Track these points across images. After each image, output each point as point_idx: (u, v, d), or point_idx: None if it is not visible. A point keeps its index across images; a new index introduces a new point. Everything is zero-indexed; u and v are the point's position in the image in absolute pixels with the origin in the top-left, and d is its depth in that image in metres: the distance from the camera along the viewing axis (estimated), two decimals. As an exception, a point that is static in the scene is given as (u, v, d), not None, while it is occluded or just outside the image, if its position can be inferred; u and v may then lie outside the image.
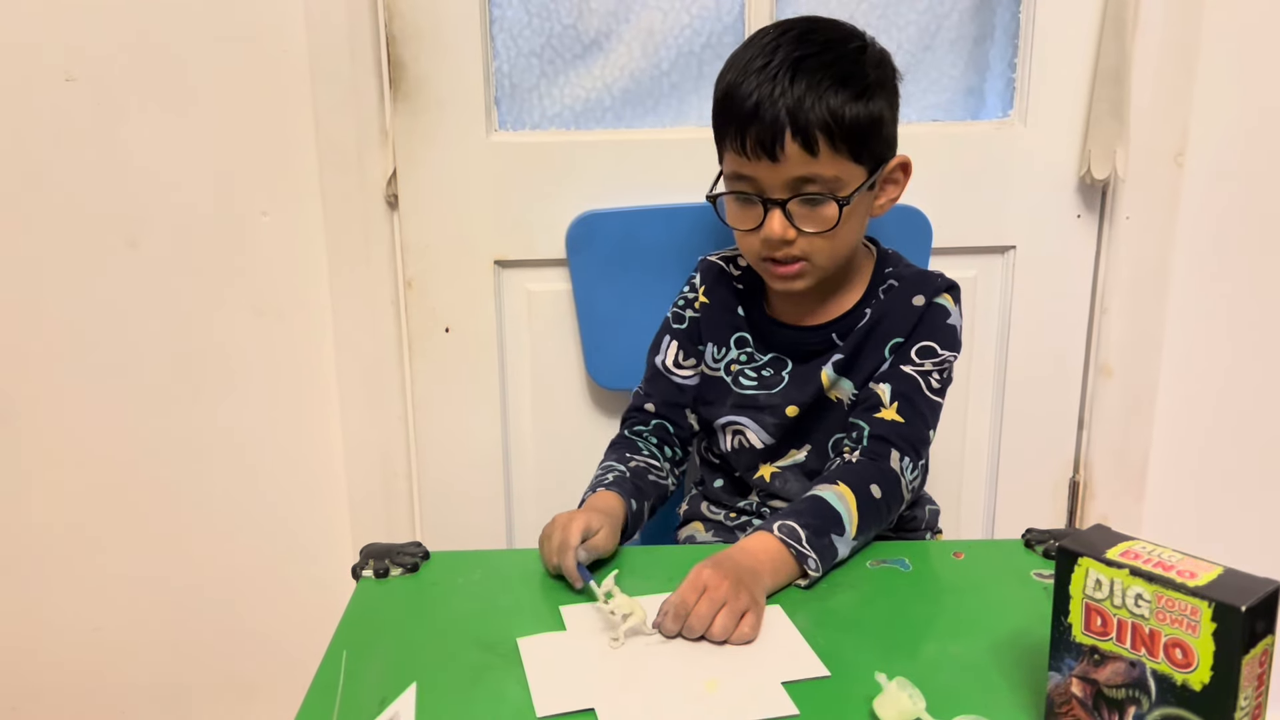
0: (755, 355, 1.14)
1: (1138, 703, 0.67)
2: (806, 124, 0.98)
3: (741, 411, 1.14)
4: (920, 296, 1.09)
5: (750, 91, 0.99)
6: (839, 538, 0.95)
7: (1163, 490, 1.55)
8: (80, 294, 1.42)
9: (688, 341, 1.17)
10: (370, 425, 1.48)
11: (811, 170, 1.00)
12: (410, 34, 1.36)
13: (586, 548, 0.94)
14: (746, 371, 1.14)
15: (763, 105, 0.99)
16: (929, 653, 0.84)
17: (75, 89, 1.35)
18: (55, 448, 1.48)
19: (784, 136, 0.98)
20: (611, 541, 0.98)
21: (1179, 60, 1.39)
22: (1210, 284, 1.48)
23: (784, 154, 0.99)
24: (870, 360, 1.09)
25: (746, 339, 1.15)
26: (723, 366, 1.15)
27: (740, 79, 1.01)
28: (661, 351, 1.18)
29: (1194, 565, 0.66)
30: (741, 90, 1.00)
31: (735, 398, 1.14)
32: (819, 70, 0.99)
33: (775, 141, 0.99)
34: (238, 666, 1.58)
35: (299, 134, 1.37)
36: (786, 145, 0.99)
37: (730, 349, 1.15)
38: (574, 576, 0.92)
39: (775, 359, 1.13)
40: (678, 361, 1.17)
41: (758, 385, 1.13)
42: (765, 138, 0.99)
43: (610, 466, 1.11)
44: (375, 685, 0.80)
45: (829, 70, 0.99)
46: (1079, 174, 1.43)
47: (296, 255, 1.42)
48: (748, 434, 1.13)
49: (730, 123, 1.02)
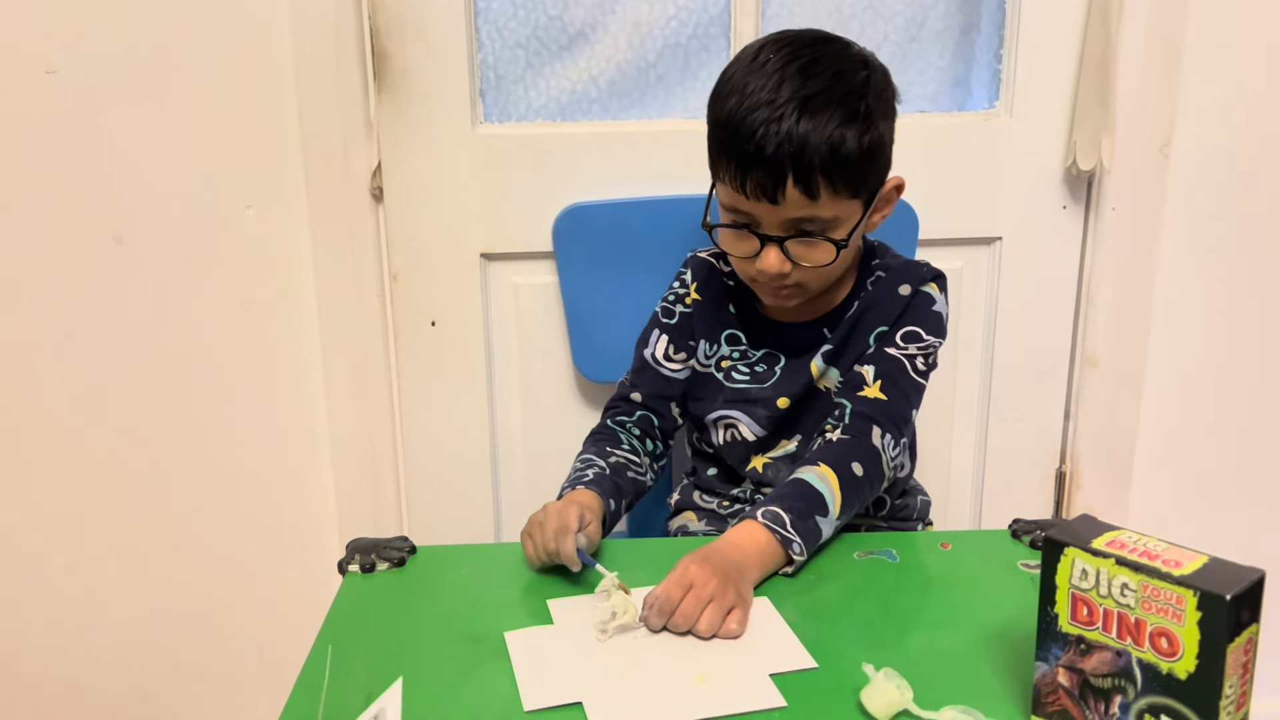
0: (748, 352, 1.14)
1: (1124, 692, 0.68)
2: (809, 169, 0.96)
3: (733, 406, 1.14)
4: (906, 285, 1.09)
5: (753, 130, 0.96)
6: (823, 519, 0.96)
7: (1149, 480, 1.56)
8: (64, 290, 1.41)
9: (679, 336, 1.17)
10: (356, 419, 1.47)
11: (810, 213, 0.99)
12: (394, 26, 1.36)
13: (585, 534, 0.93)
14: (739, 367, 1.14)
15: (766, 148, 0.95)
16: (916, 643, 0.84)
17: (56, 81, 1.33)
18: (39, 444, 1.47)
19: (785, 182, 0.96)
20: (598, 537, 0.98)
21: (1165, 50, 1.39)
22: (1196, 274, 1.49)
23: (784, 198, 0.97)
24: (857, 348, 1.09)
25: (738, 336, 1.15)
26: (714, 363, 1.16)
27: (742, 112, 0.97)
28: (650, 344, 1.18)
29: (1179, 554, 0.66)
30: (744, 127, 0.96)
31: (727, 393, 1.14)
32: (825, 109, 0.96)
33: (776, 187, 0.97)
34: (224, 662, 1.57)
35: (283, 127, 1.37)
36: (788, 190, 0.97)
37: (721, 345, 1.15)
38: (572, 560, 0.91)
39: (768, 354, 1.14)
40: (668, 355, 1.17)
41: (750, 380, 1.13)
42: (766, 182, 0.97)
43: (590, 461, 1.10)
44: (361, 680, 0.80)
45: (836, 110, 0.96)
46: (1065, 165, 1.43)
47: (281, 249, 1.41)
48: (740, 427, 1.14)
49: (730, 158, 0.99)
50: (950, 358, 1.51)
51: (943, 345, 1.10)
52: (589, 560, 0.91)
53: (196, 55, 1.34)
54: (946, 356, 1.51)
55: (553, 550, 0.92)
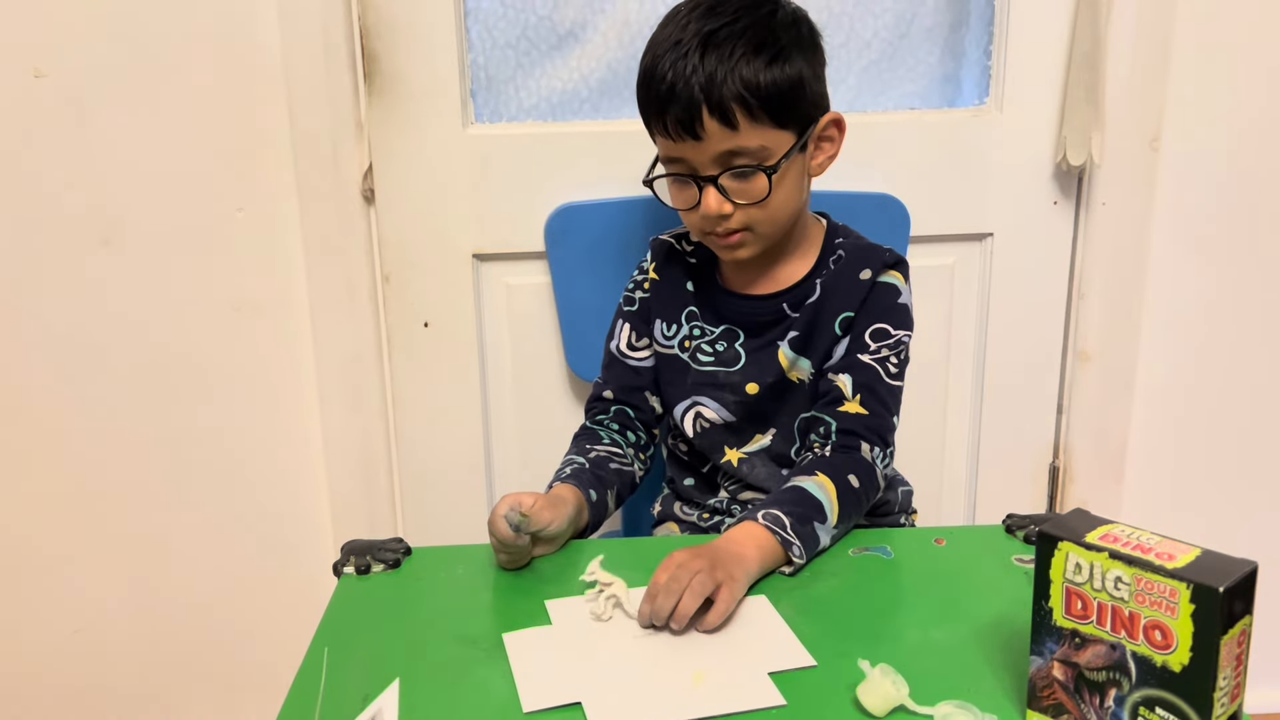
0: (706, 329, 1.14)
1: (1119, 685, 0.68)
2: (721, 99, 0.98)
3: (701, 390, 1.13)
4: (867, 270, 1.09)
5: (664, 72, 1.00)
6: (821, 525, 0.96)
7: (1142, 474, 1.56)
8: (54, 294, 1.40)
9: (640, 322, 1.18)
10: (350, 421, 1.47)
11: (735, 144, 1.00)
12: (384, 27, 1.35)
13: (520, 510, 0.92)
14: (703, 346, 1.14)
15: (677, 85, 0.99)
16: (912, 639, 0.84)
17: (45, 85, 1.33)
18: (32, 448, 1.46)
19: (701, 114, 0.99)
20: (551, 514, 0.96)
21: (1153, 45, 1.40)
22: (1187, 267, 1.49)
23: (704, 131, 1.00)
24: (824, 337, 1.09)
25: (695, 313, 1.15)
26: (676, 343, 1.15)
27: (655, 61, 1.02)
28: (615, 336, 1.19)
29: (1172, 547, 0.66)
30: (657, 72, 1.01)
31: (694, 375, 1.14)
32: (728, 41, 0.99)
33: (694, 120, 0.99)
34: (219, 665, 1.57)
35: (273, 129, 1.36)
36: (705, 122, 0.99)
37: (681, 325, 1.15)
38: (505, 533, 0.91)
39: (727, 330, 1.13)
40: (631, 344, 1.18)
41: (715, 362, 1.13)
42: (684, 118, 1.00)
43: (569, 460, 1.11)
44: (358, 682, 0.80)
45: (739, 40, 0.99)
46: (1055, 160, 1.44)
47: (273, 251, 1.41)
48: (707, 412, 1.13)
49: (651, 105, 1.03)
50: (943, 354, 1.52)
51: (912, 337, 1.09)
52: (514, 520, 0.90)
53: (186, 58, 1.34)
54: (939, 352, 1.52)
55: (494, 538, 0.93)
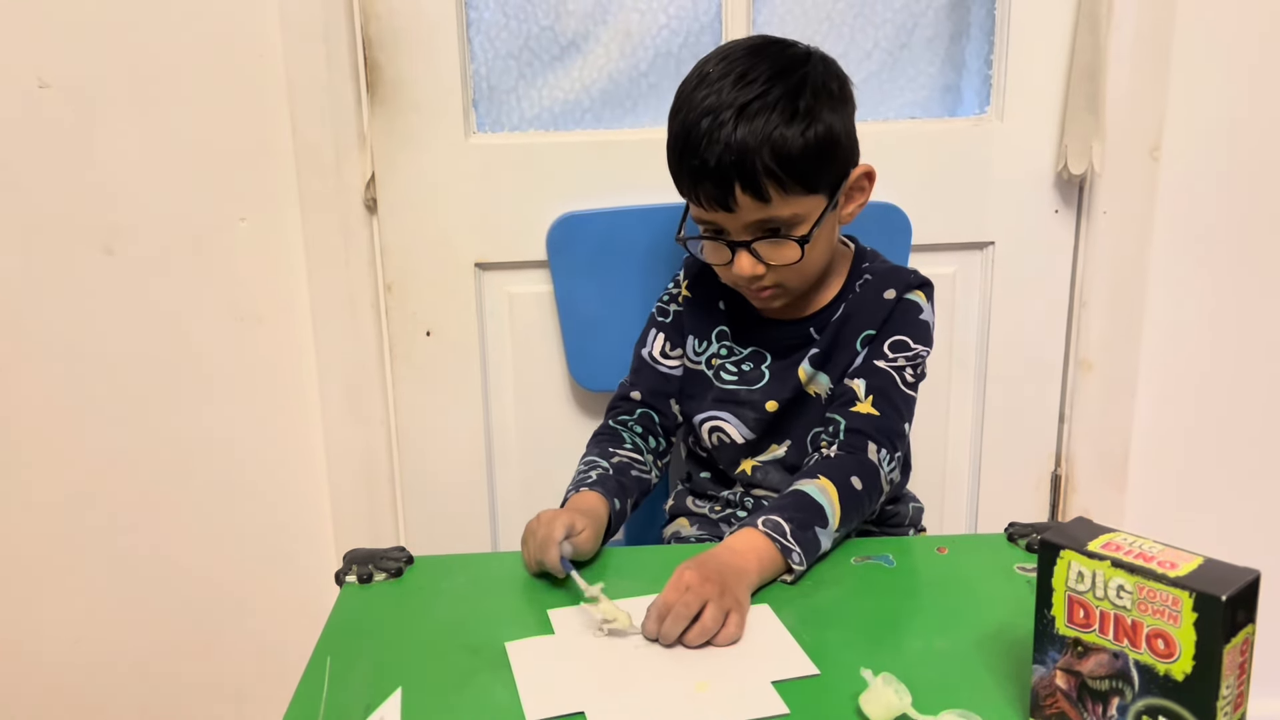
0: (735, 349, 1.16)
1: (1121, 694, 0.68)
2: (754, 174, 0.98)
3: (722, 406, 1.15)
4: (892, 290, 1.10)
5: (696, 145, 0.99)
6: (822, 530, 0.96)
7: (1144, 482, 1.56)
8: (57, 302, 1.41)
9: (674, 334, 1.19)
10: (352, 430, 1.47)
11: (768, 214, 1.01)
12: (387, 37, 1.36)
13: (571, 543, 0.94)
14: (727, 365, 1.15)
15: (709, 160, 0.99)
16: (914, 648, 0.84)
17: (49, 95, 1.33)
18: (35, 456, 1.47)
19: (734, 190, 0.99)
20: (594, 543, 0.98)
21: (1153, 54, 1.40)
22: (1188, 276, 1.49)
23: (737, 205, 1.00)
24: (844, 354, 1.10)
25: (726, 332, 1.16)
26: (704, 360, 1.17)
27: (685, 128, 1.01)
28: (648, 344, 1.20)
29: (1175, 556, 0.66)
30: (688, 143, 1.00)
31: (716, 392, 1.15)
32: (762, 113, 0.98)
33: (726, 196, 1.00)
34: (221, 675, 1.57)
35: (276, 138, 1.37)
36: (738, 197, 1.00)
37: (711, 343, 1.17)
38: (556, 568, 0.93)
39: (755, 353, 1.15)
40: (664, 352, 1.19)
41: (738, 380, 1.14)
42: (716, 193, 1.00)
43: (593, 463, 1.11)
44: (360, 691, 0.79)
45: (772, 112, 0.98)
46: (1056, 169, 1.44)
47: (275, 260, 1.41)
48: (727, 429, 1.14)
49: (683, 176, 1.03)
50: (944, 362, 1.52)
51: (930, 355, 1.11)
52: (569, 567, 0.92)
53: (189, 68, 1.34)
54: (940, 361, 1.52)
55: (537, 562, 0.95)
